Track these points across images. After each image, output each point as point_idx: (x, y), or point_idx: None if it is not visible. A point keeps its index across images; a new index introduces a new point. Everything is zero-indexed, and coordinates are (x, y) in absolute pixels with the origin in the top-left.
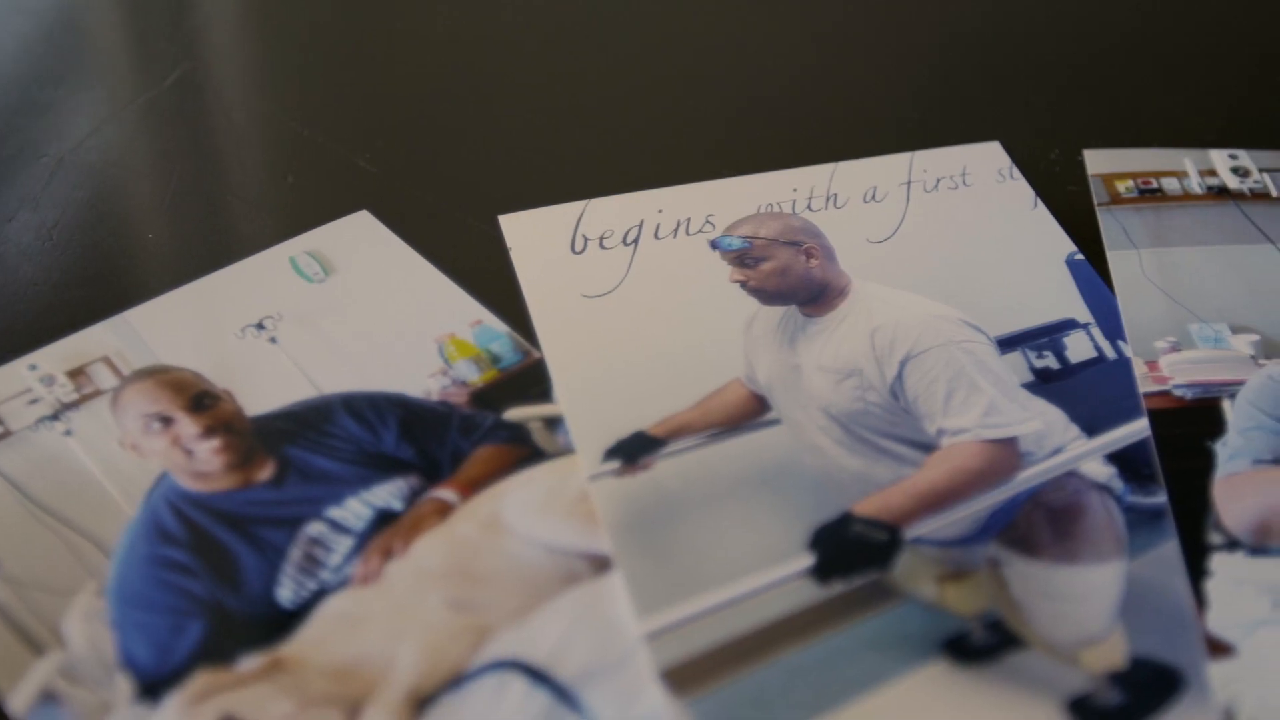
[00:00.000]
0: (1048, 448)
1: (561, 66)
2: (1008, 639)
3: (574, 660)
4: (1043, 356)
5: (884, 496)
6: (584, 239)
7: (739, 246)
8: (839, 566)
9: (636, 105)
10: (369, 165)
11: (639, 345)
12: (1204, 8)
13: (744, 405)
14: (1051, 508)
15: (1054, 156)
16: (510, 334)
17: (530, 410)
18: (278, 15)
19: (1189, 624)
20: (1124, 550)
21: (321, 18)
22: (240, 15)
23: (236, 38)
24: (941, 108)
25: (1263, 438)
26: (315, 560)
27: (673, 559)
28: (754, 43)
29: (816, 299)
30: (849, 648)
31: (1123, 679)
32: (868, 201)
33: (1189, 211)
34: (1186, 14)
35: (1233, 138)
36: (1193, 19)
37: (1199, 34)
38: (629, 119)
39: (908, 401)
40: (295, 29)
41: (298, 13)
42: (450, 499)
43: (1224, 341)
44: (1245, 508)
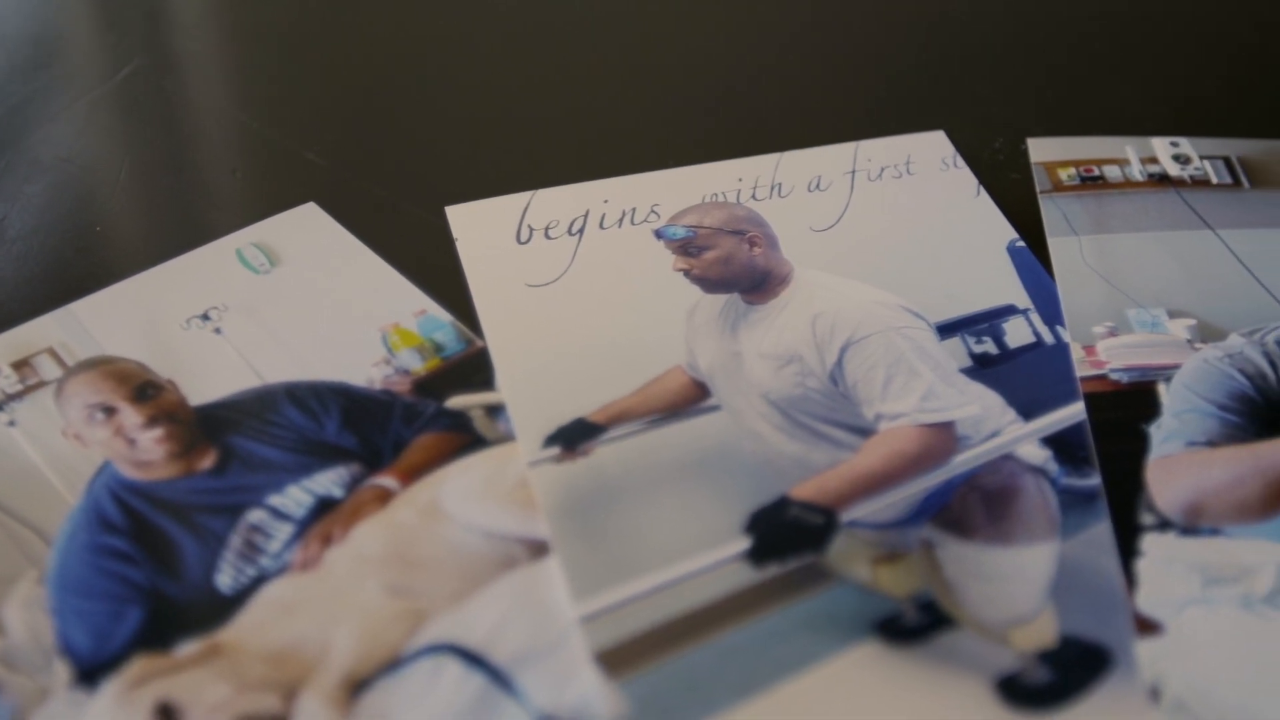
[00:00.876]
0: (984, 431)
1: (509, 59)
2: (939, 619)
3: (509, 643)
4: (982, 342)
5: (821, 480)
6: (529, 229)
7: (683, 235)
8: (774, 550)
9: (584, 97)
10: (317, 158)
11: (582, 333)
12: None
13: (685, 392)
14: (986, 490)
15: (998, 145)
16: (454, 323)
17: (472, 398)
18: (229, 12)
19: (1119, 603)
20: (1057, 532)
21: (271, 14)
22: (192, 12)
23: (188, 34)
24: (887, 98)
25: (1197, 420)
26: (255, 547)
27: (610, 543)
28: (701, 34)
29: (759, 287)
30: (782, 629)
31: (1051, 657)
32: (812, 191)
33: (1130, 198)
34: (1129, 3)
35: (1175, 125)
36: (1136, 8)
37: (1142, 23)
38: (576, 111)
39: (847, 387)
40: (245, 25)
41: (248, 9)
42: (391, 486)
43: (1161, 326)
44: (1177, 489)
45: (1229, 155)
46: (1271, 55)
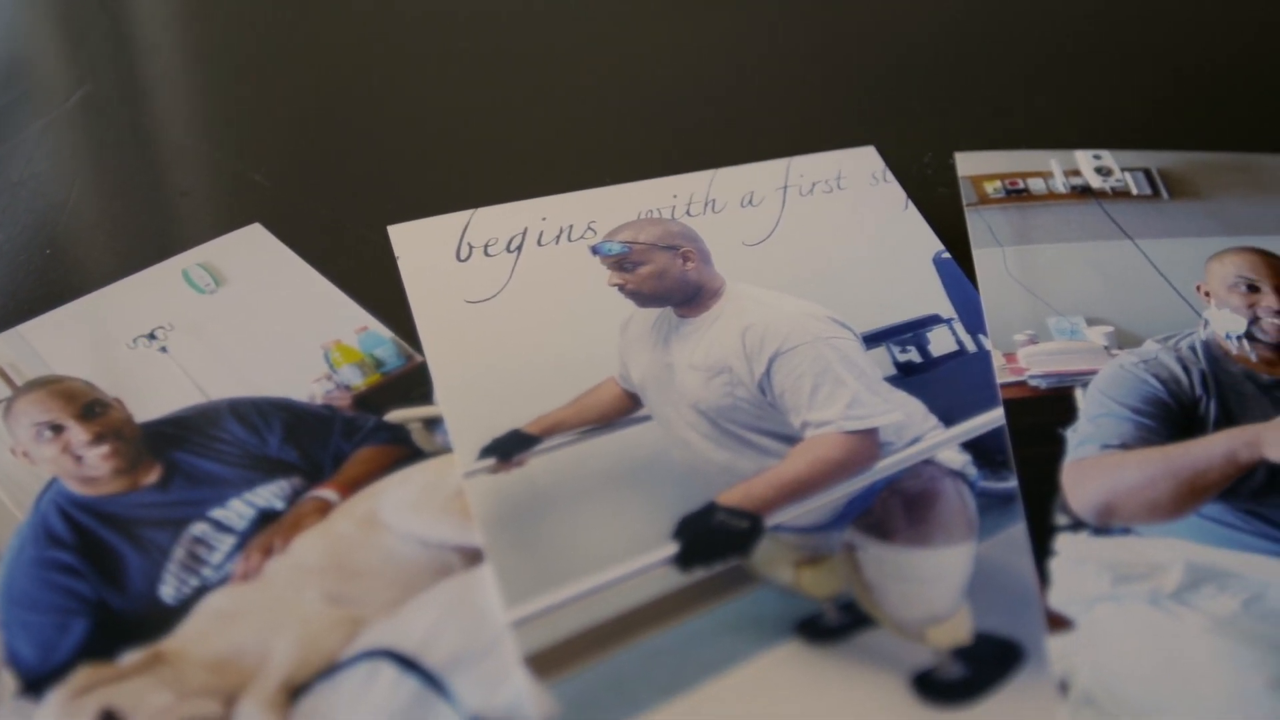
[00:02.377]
0: (906, 437)
1: (450, 81)
2: (859, 619)
3: (443, 648)
4: (906, 351)
5: (747, 487)
6: (469, 247)
7: (618, 251)
8: (701, 554)
9: (524, 117)
10: (263, 180)
11: (519, 347)
12: (1073, 14)
13: (617, 403)
14: (907, 494)
15: (927, 160)
16: (394, 339)
17: (411, 412)
18: (177, 38)
19: (1032, 601)
20: (974, 533)
21: (218, 39)
22: (141, 37)
23: (138, 59)
24: (820, 115)
25: (1112, 424)
26: (198, 559)
27: (541, 550)
28: (637, 54)
29: (691, 300)
30: (707, 631)
31: (966, 653)
32: (745, 206)
33: (1053, 210)
34: (1057, 20)
35: (1099, 139)
36: (1063, 26)
37: (1069, 40)
38: (516, 131)
39: (774, 396)
40: (196, 52)
41: (196, 35)
42: (330, 498)
43: (1080, 334)
44: (1091, 490)
45: (1149, 167)
46: (1191, 70)
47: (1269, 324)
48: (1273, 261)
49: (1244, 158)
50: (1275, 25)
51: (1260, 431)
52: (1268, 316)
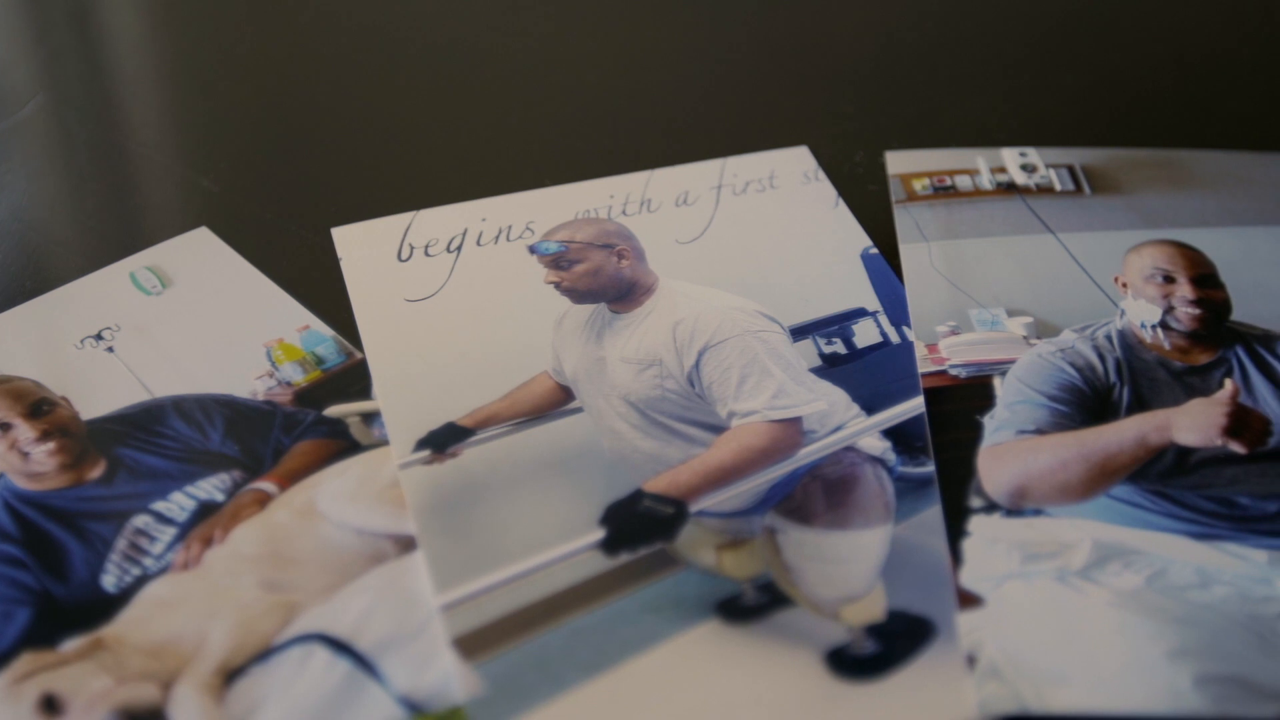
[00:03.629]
0: (829, 425)
1: (395, 87)
2: (776, 598)
3: (374, 631)
4: (832, 343)
5: (673, 474)
6: (410, 248)
7: (555, 250)
8: (626, 539)
9: (465, 121)
10: (212, 185)
11: (456, 344)
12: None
13: (550, 395)
14: (828, 480)
15: (858, 159)
16: (335, 337)
17: (349, 407)
18: (131, 49)
19: (944, 579)
20: (891, 516)
21: (170, 51)
22: (96, 49)
23: (92, 70)
24: (756, 116)
25: (1027, 410)
26: (139, 549)
27: (473, 537)
28: (575, 58)
29: (625, 297)
30: (629, 611)
31: (879, 630)
32: (679, 205)
33: (978, 206)
34: (987, 23)
35: (1026, 137)
36: (991, 27)
37: (997, 41)
38: (459, 134)
39: (703, 388)
40: (146, 62)
41: (149, 47)
42: (270, 490)
43: (1000, 324)
44: (1005, 474)
45: (1073, 164)
46: (1117, 69)
47: (1183, 313)
48: (1189, 253)
49: (1165, 153)
50: (1195, 27)
51: (1170, 416)
52: (1182, 306)
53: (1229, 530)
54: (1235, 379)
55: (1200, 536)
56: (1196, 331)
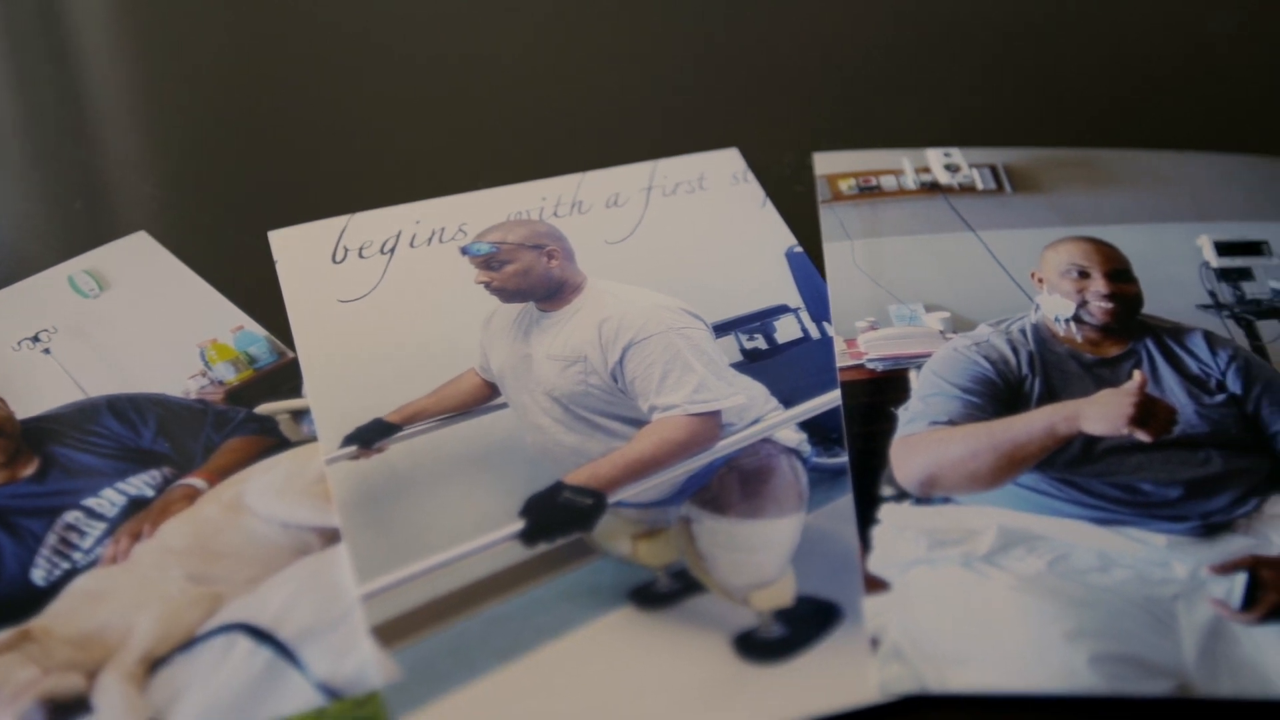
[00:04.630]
0: (747, 418)
1: (332, 92)
2: (689, 585)
3: (296, 621)
4: (753, 339)
5: (594, 467)
6: (345, 250)
7: (486, 251)
8: (545, 530)
9: (402, 126)
10: (153, 190)
11: (386, 342)
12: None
13: (476, 392)
14: (744, 471)
15: (787, 160)
16: (268, 337)
17: (279, 404)
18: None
19: (852, 565)
20: (803, 505)
21: (109, 56)
22: (34, 54)
23: (31, 76)
24: (689, 119)
25: (941, 402)
26: (69, 544)
27: (396, 529)
28: (509, 63)
29: (553, 295)
30: (545, 599)
31: (786, 614)
32: (609, 207)
33: (902, 205)
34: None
35: (952, 137)
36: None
37: (925, 43)
38: (395, 139)
39: (626, 383)
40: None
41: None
42: (199, 485)
43: (918, 319)
44: (917, 463)
45: (996, 164)
46: (1038, 71)
47: (1096, 307)
48: (1104, 249)
49: (1085, 153)
50: (1117, 30)
51: (1079, 406)
52: (1095, 300)
53: (1131, 516)
54: (1144, 370)
55: (1103, 522)
56: (1108, 325)
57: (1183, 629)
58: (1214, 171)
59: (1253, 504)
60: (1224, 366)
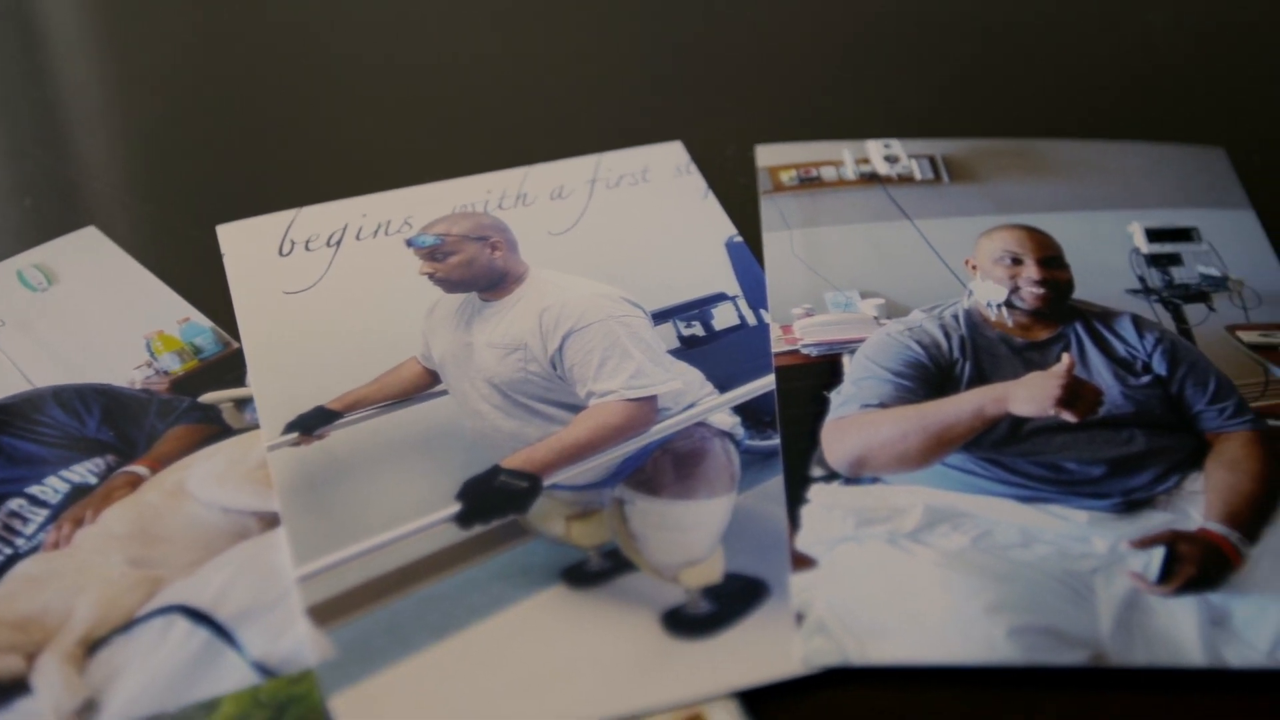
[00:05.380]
0: (683, 403)
1: (281, 88)
2: (620, 564)
3: (234, 602)
4: (691, 326)
5: (530, 451)
6: (292, 243)
7: (431, 243)
8: (481, 512)
9: (351, 121)
10: (103, 186)
11: (330, 333)
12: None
13: (417, 380)
14: (678, 453)
15: (730, 153)
16: (214, 328)
17: (223, 394)
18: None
19: (780, 543)
20: (735, 486)
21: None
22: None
23: None
24: (636, 113)
25: (873, 385)
26: (12, 530)
27: (335, 514)
28: (456, 58)
29: (496, 286)
30: (479, 579)
31: (714, 591)
32: (554, 199)
33: (841, 195)
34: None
35: (893, 129)
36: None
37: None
38: (344, 133)
39: (564, 370)
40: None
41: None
42: (141, 472)
43: (853, 306)
44: (847, 445)
45: (934, 154)
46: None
47: (1028, 292)
48: (1037, 236)
49: (1021, 143)
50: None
51: (1008, 389)
52: (1027, 286)
53: (1055, 493)
54: (1072, 353)
55: (1027, 500)
56: (1039, 310)
57: (1100, 601)
58: (1147, 160)
59: (1173, 481)
60: (1150, 349)
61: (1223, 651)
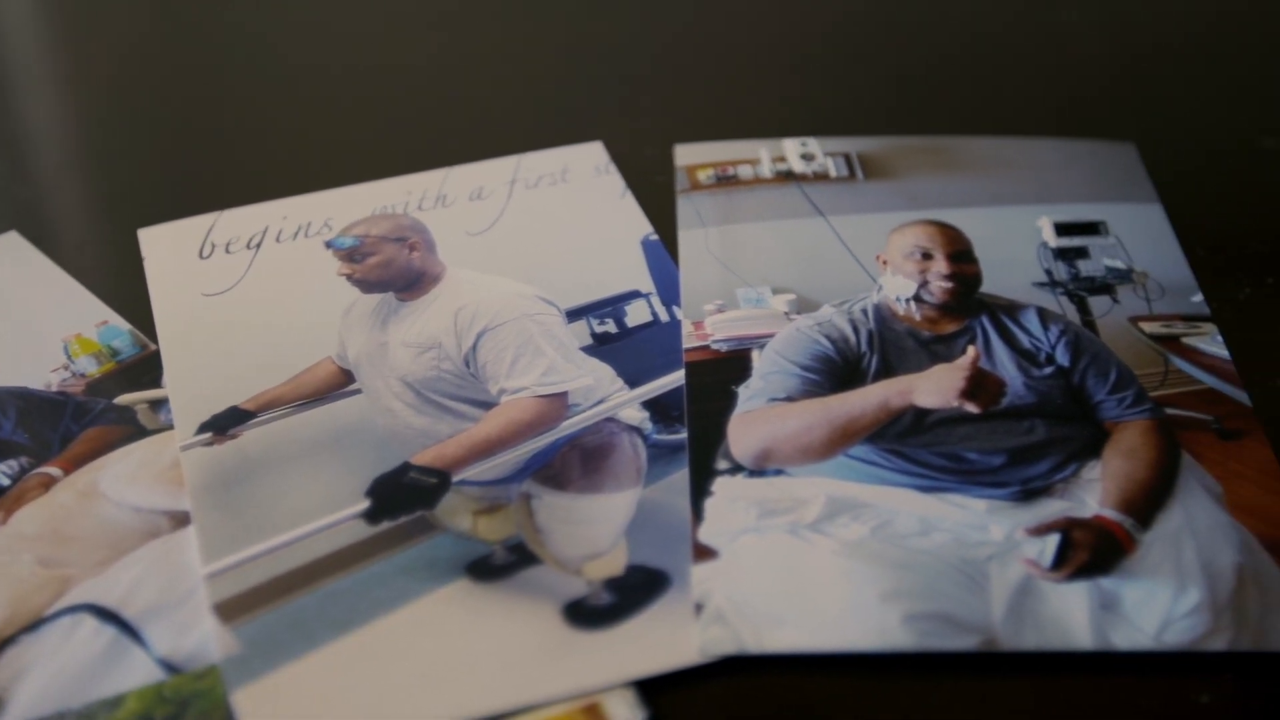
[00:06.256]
0: (593, 399)
1: (204, 91)
2: (525, 558)
3: (141, 600)
4: (604, 323)
5: (440, 448)
6: (212, 245)
7: (350, 244)
8: (389, 508)
9: (274, 124)
10: (24, 190)
11: (247, 334)
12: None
13: (331, 379)
14: (586, 448)
15: (649, 153)
16: (131, 331)
17: (139, 395)
18: None
19: (683, 535)
20: (641, 480)
21: None
22: None
23: None
24: (558, 114)
25: (780, 379)
26: None
27: (246, 512)
28: (379, 61)
29: (413, 286)
30: (384, 574)
31: (616, 583)
32: (473, 200)
33: (757, 193)
34: (776, 18)
35: (811, 127)
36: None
37: (788, 36)
38: (267, 137)
39: (478, 368)
40: None
41: None
42: (54, 473)
43: (764, 302)
44: (753, 438)
45: (849, 152)
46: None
47: (937, 287)
48: (947, 231)
49: (935, 140)
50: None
51: (913, 381)
52: (936, 280)
53: (956, 483)
54: (978, 346)
55: (927, 489)
56: (947, 303)
57: (994, 588)
58: (1059, 156)
59: (1071, 469)
60: (1054, 340)
61: (1111, 635)
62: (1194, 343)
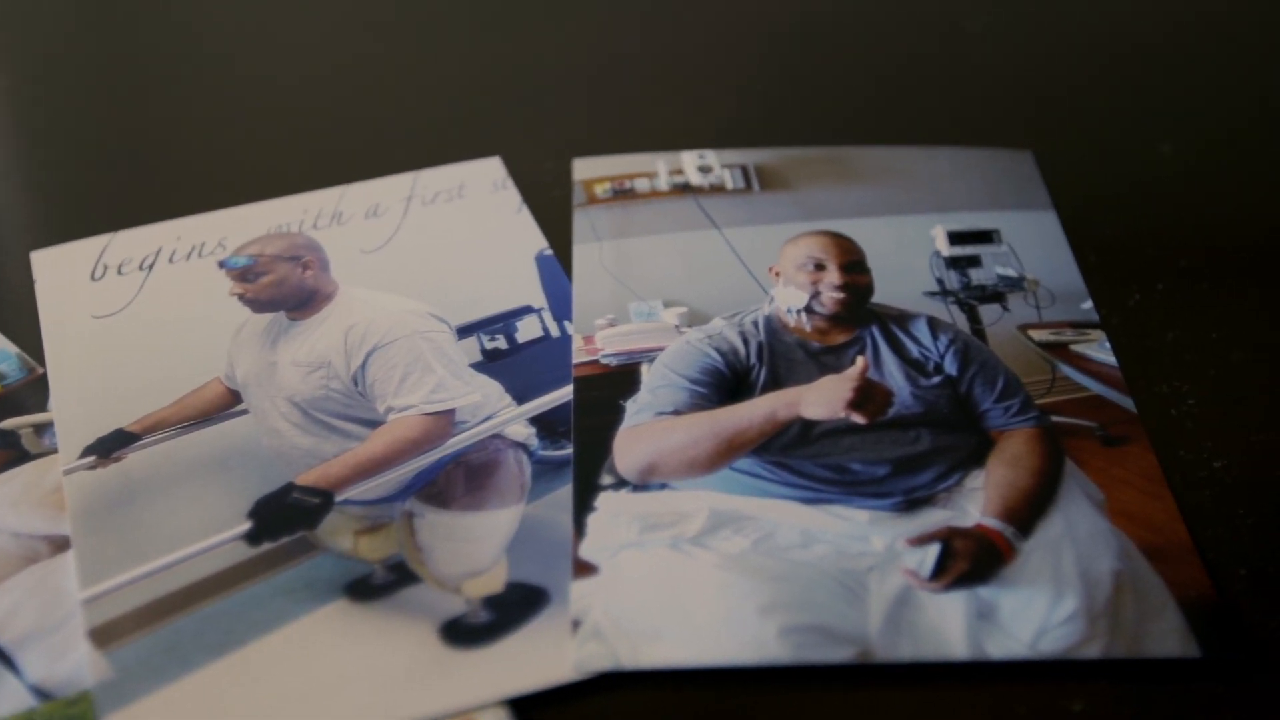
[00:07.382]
0: (480, 415)
1: (97, 112)
2: (405, 577)
3: (16, 627)
4: (494, 339)
5: (325, 467)
6: (104, 267)
7: (244, 264)
8: (270, 529)
9: (168, 143)
10: None
11: (136, 356)
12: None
13: (218, 400)
14: (470, 466)
15: (548, 167)
16: (19, 354)
17: (23, 419)
18: None
19: (564, 552)
20: (524, 497)
21: None
22: None
23: None
24: (457, 130)
25: (668, 393)
26: None
27: (126, 535)
28: (276, 78)
29: (305, 304)
30: (262, 595)
31: (495, 601)
32: (369, 217)
33: (653, 206)
34: (675, 32)
35: (711, 140)
36: (679, 37)
37: (686, 49)
38: (160, 157)
39: (366, 386)
40: None
41: None
42: None
43: (656, 315)
44: (638, 452)
45: (747, 164)
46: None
47: (828, 297)
48: (841, 242)
49: (831, 151)
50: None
51: (800, 393)
52: (828, 291)
53: (838, 494)
54: (867, 356)
55: (811, 501)
56: (838, 314)
57: (872, 599)
58: (955, 164)
59: (955, 479)
60: (944, 350)
61: (986, 644)
62: (1082, 350)
